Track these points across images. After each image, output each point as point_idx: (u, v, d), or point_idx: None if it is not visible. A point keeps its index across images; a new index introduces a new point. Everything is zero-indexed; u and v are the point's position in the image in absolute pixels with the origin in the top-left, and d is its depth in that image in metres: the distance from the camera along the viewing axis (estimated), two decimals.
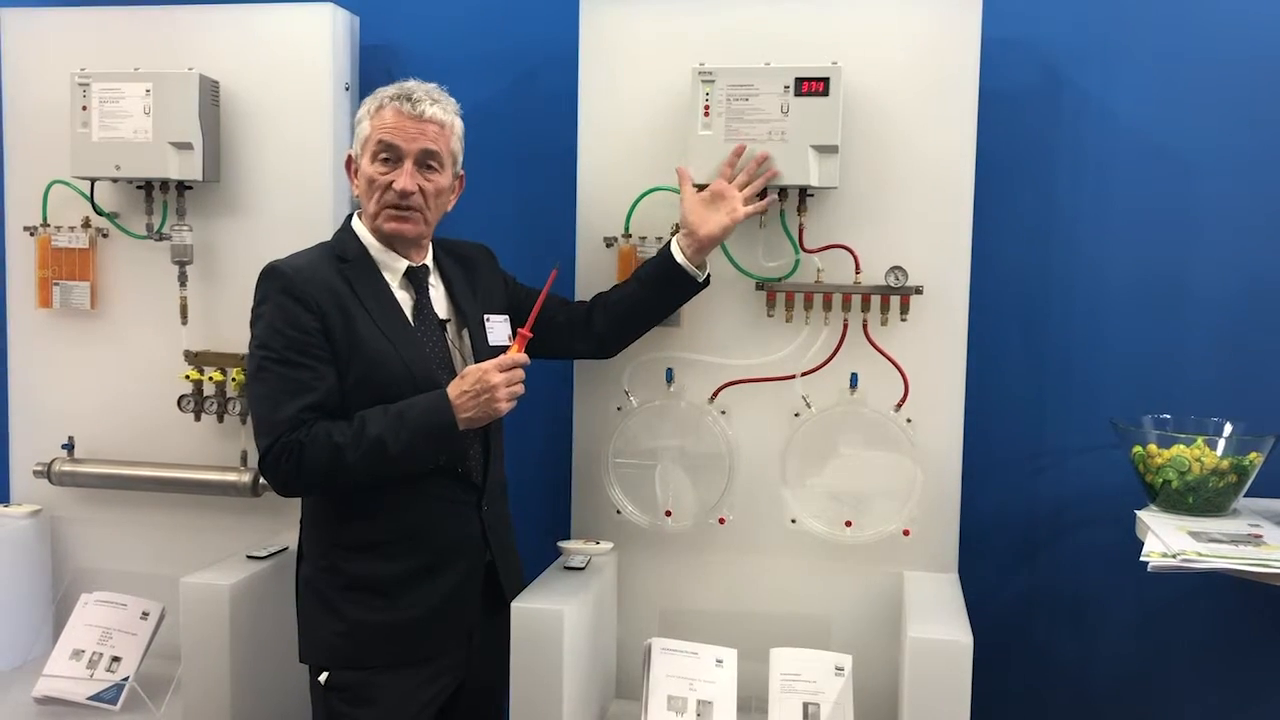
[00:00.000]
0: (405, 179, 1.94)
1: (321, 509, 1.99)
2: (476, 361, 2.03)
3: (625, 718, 2.33)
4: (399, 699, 1.93)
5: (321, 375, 1.87)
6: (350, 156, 2.04)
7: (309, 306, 1.88)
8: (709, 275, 2.21)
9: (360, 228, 2.01)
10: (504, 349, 2.04)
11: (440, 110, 1.98)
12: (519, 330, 2.00)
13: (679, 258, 2.15)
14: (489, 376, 1.90)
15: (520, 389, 1.96)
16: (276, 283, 1.90)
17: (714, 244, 2.16)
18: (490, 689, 2.13)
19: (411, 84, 1.99)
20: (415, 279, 2.02)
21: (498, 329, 2.12)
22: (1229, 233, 2.44)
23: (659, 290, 2.19)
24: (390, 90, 1.98)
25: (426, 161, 1.97)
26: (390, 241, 2.00)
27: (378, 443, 1.83)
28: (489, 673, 2.11)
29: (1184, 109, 2.44)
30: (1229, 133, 2.42)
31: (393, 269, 2.00)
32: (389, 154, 1.95)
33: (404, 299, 1.99)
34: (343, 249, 1.99)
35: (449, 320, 2.04)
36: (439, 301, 2.06)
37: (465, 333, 2.07)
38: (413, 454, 1.88)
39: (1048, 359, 2.53)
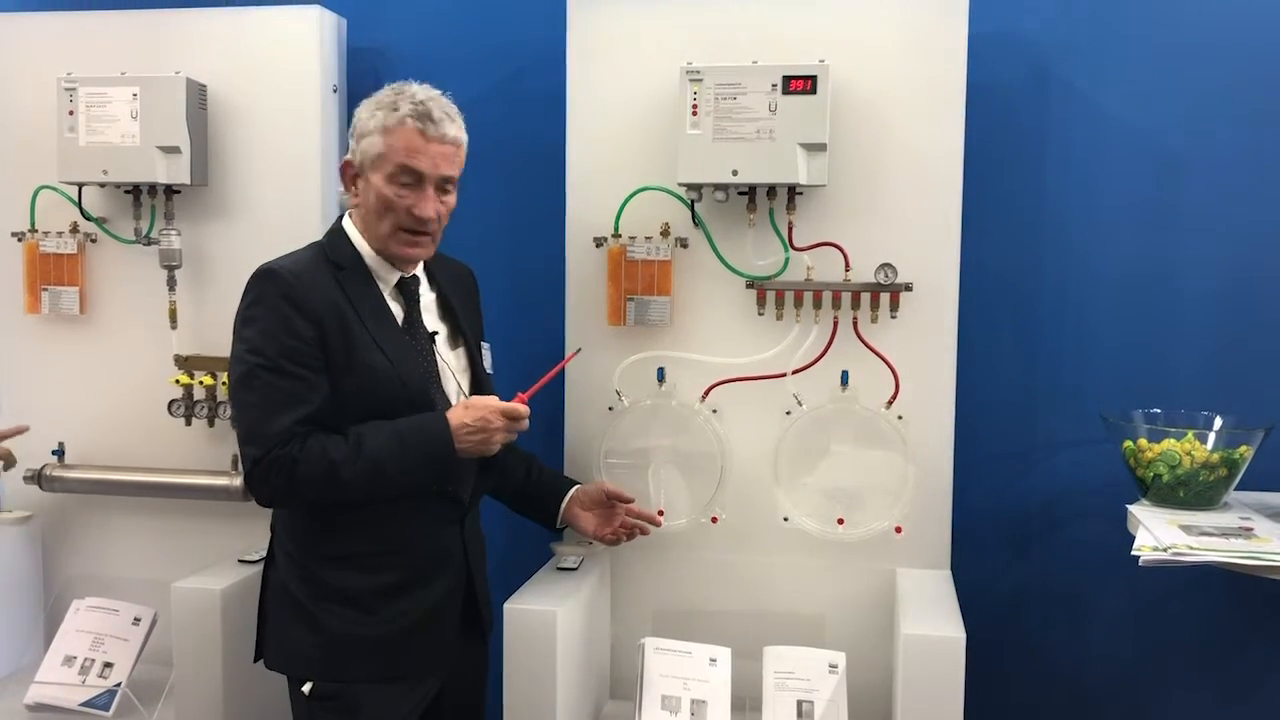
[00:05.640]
0: (428, 206, 1.87)
1: (299, 518, 1.94)
2: (474, 376, 2.05)
3: (620, 718, 2.33)
4: (383, 709, 1.90)
5: (315, 386, 1.82)
6: (349, 163, 1.91)
7: (307, 314, 1.81)
8: (562, 529, 2.29)
9: (354, 233, 1.94)
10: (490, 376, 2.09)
11: (457, 129, 1.90)
12: (519, 394, 1.97)
13: (560, 504, 2.22)
14: (495, 419, 1.89)
15: (514, 437, 1.95)
16: (273, 286, 1.82)
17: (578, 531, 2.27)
18: (470, 691, 2.12)
19: (422, 95, 1.87)
20: (406, 290, 1.98)
21: (486, 357, 2.12)
22: (1217, 227, 2.44)
23: (529, 498, 2.23)
24: (405, 106, 1.85)
25: (444, 185, 1.91)
26: (392, 256, 1.95)
27: (375, 463, 1.81)
28: (469, 678, 2.10)
29: (1171, 104, 2.45)
30: (1215, 127, 2.43)
31: (385, 279, 1.95)
32: (409, 178, 1.86)
33: (395, 310, 1.95)
34: (337, 254, 1.92)
35: (438, 333, 2.02)
36: (429, 314, 2.02)
37: (460, 349, 2.06)
38: (409, 477, 1.86)
39: (1038, 354, 2.54)
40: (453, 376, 2.01)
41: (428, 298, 2.04)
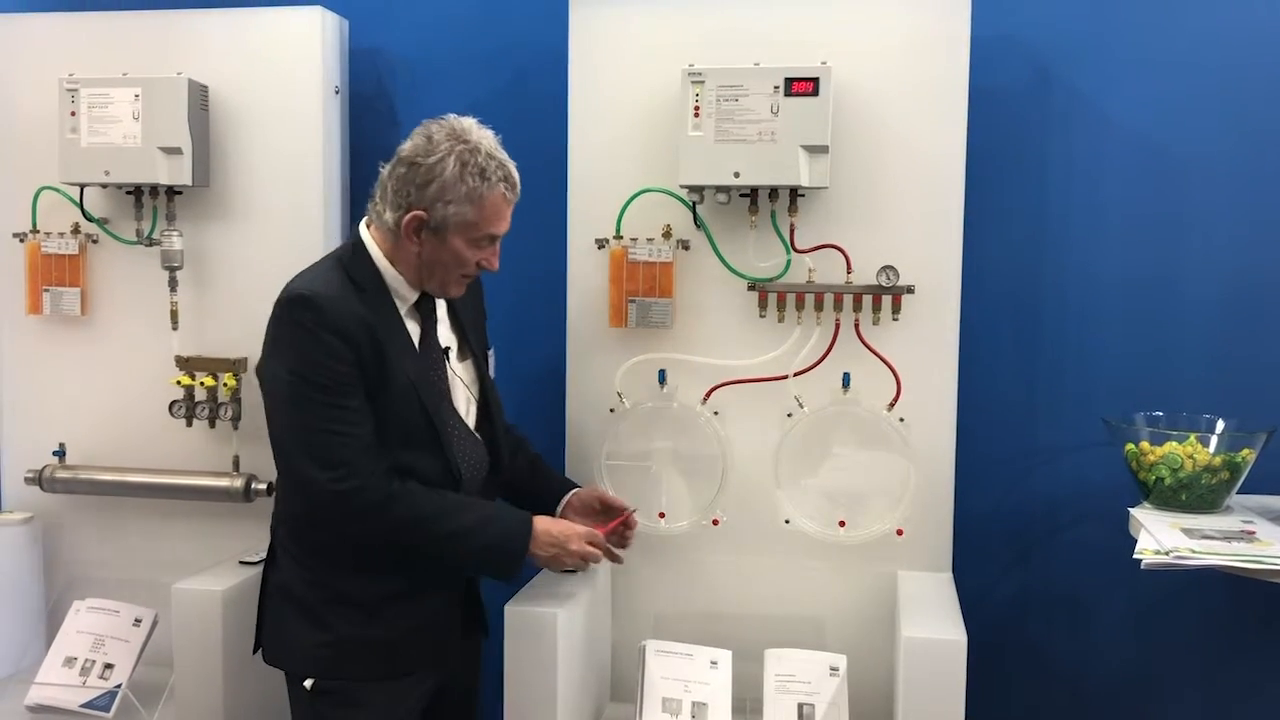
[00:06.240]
0: (497, 260, 1.96)
1: (304, 521, 1.95)
2: (482, 388, 2.06)
3: None
4: (386, 703, 1.92)
5: (365, 412, 1.85)
6: (421, 219, 1.86)
7: (347, 339, 1.82)
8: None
9: (375, 251, 1.92)
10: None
11: None
12: (598, 526, 2.10)
13: (556, 509, 2.19)
14: (575, 545, 1.98)
15: (585, 566, 2.06)
16: (309, 313, 1.81)
17: None
18: (467, 686, 2.14)
19: (502, 154, 1.91)
20: (421, 308, 1.99)
21: (490, 363, 2.14)
22: (1219, 230, 2.44)
23: (527, 500, 2.16)
24: (494, 172, 1.88)
25: None
26: (440, 293, 1.98)
27: (454, 536, 1.89)
28: (468, 675, 2.12)
29: (1173, 108, 2.44)
30: (1217, 131, 2.43)
31: (403, 297, 1.95)
32: (490, 241, 1.93)
33: (411, 328, 1.96)
34: (357, 272, 1.91)
35: (449, 348, 2.03)
36: (441, 327, 2.03)
37: (469, 360, 2.07)
38: (472, 559, 1.95)
39: (1040, 357, 2.54)
40: (464, 389, 2.03)
41: (439, 311, 2.05)
